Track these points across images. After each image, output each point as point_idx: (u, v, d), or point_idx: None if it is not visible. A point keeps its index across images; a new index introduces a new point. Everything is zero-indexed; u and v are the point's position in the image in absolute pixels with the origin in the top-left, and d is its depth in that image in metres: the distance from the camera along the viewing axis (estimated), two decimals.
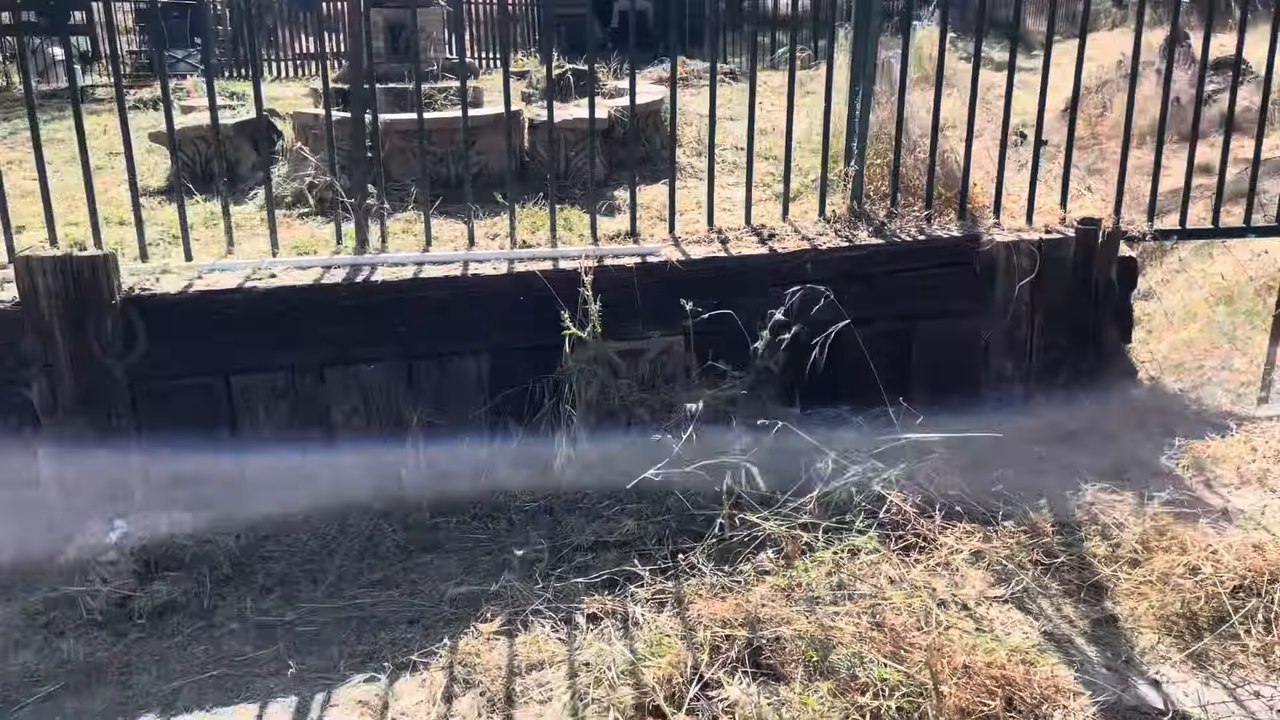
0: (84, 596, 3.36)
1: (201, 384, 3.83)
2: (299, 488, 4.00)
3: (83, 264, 3.57)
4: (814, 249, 4.28)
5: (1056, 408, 4.49)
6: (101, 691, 3.04)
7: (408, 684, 2.99)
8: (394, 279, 3.95)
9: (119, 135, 4.15)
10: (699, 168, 6.36)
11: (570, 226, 4.78)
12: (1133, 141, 4.90)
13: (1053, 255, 4.37)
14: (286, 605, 3.45)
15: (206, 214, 5.17)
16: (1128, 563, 3.34)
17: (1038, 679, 2.79)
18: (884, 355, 4.32)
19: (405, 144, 5.66)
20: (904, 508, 3.55)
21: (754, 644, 2.94)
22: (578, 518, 3.84)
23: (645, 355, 4.17)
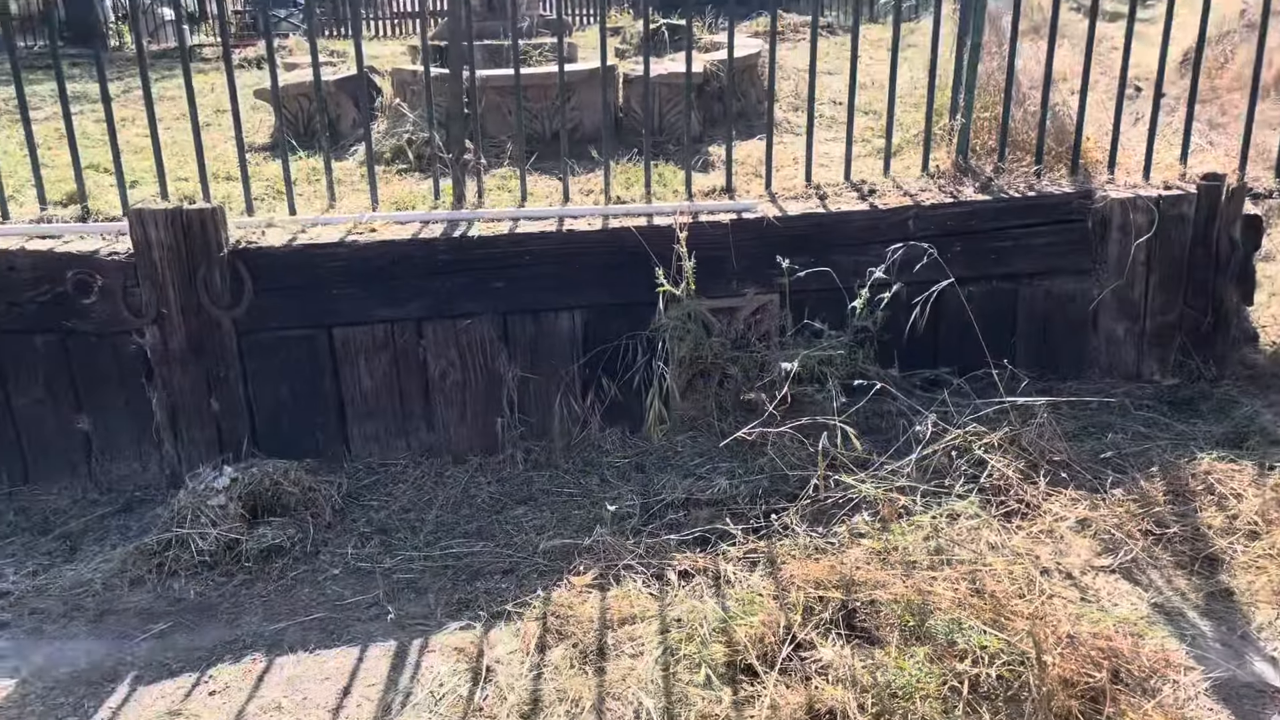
0: (194, 538, 3.49)
1: (305, 335, 3.91)
2: (398, 438, 4.08)
3: (192, 216, 3.67)
4: (916, 205, 4.15)
5: (1170, 372, 4.30)
6: (211, 630, 3.17)
7: (502, 633, 3.03)
8: (490, 234, 3.97)
9: (225, 93, 4.23)
10: (795, 123, 6.23)
11: (665, 182, 4.73)
12: (1259, 94, 4.60)
13: (1172, 213, 4.15)
14: (385, 553, 3.54)
15: (309, 169, 5.27)
16: (1245, 535, 3.19)
17: (1146, 651, 2.68)
18: (988, 316, 4.18)
19: (501, 100, 5.67)
20: (1006, 473, 3.45)
21: (848, 606, 2.90)
22: (669, 475, 3.84)
23: (739, 313, 4.12)
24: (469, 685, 2.80)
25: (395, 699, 2.78)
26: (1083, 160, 4.52)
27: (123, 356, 3.86)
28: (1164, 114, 5.31)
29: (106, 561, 3.50)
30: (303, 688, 2.87)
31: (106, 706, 2.83)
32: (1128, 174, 4.50)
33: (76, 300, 3.77)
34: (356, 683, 2.88)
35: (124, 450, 3.96)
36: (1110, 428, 3.91)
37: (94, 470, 3.98)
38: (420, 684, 2.83)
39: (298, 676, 2.92)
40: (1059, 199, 4.22)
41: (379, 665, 2.95)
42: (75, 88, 7.56)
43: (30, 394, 3.90)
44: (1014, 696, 2.55)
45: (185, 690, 2.89)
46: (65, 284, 3.76)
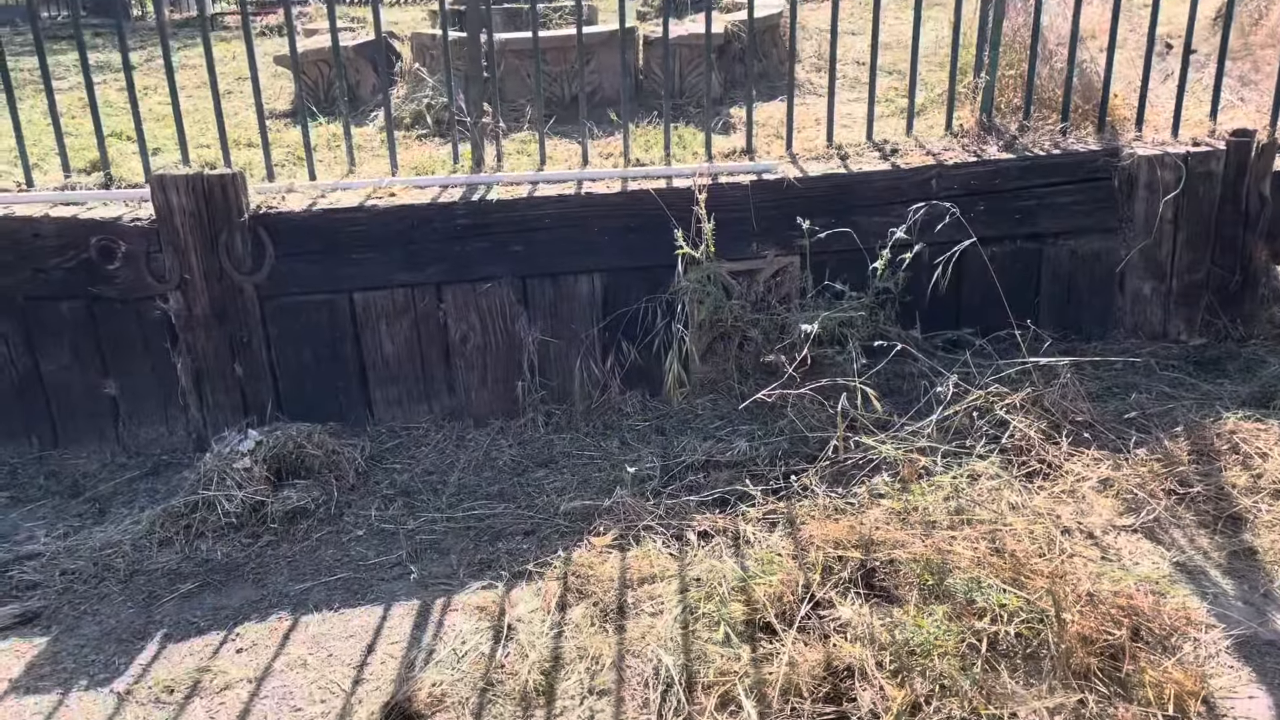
0: (221, 501, 3.54)
1: (326, 300, 3.94)
2: (419, 402, 4.11)
3: (213, 182, 3.69)
4: (939, 164, 4.11)
5: (1197, 332, 4.24)
6: (238, 589, 3.22)
7: (523, 592, 3.07)
8: (508, 197, 3.97)
9: (244, 61, 4.24)
10: (818, 84, 6.16)
11: (684, 145, 4.70)
12: None
13: (1200, 169, 4.08)
14: (408, 514, 3.58)
15: (329, 135, 5.27)
16: (1270, 494, 3.16)
17: (1167, 610, 2.67)
18: (1011, 276, 4.15)
19: (520, 64, 5.64)
20: (1028, 433, 3.43)
21: (867, 566, 2.90)
22: (689, 437, 3.84)
23: (759, 275, 4.10)
24: (491, 643, 2.83)
25: (418, 656, 2.82)
26: (1110, 118, 4.44)
27: (147, 322, 3.90)
28: (1194, 71, 5.21)
29: (135, 524, 3.55)
30: (327, 645, 2.92)
31: (137, 663, 2.89)
32: (1156, 131, 4.42)
33: (101, 266, 3.81)
34: (380, 640, 2.92)
35: (150, 414, 4.02)
36: (1135, 388, 3.87)
37: (121, 434, 4.04)
38: (443, 642, 2.87)
39: (323, 634, 2.97)
40: (1085, 156, 4.15)
41: (402, 624, 2.99)
42: (98, 57, 7.60)
43: (58, 360, 3.95)
44: (1033, 654, 2.55)
45: (213, 647, 2.94)
46: (89, 250, 3.79)
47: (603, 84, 5.76)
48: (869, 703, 2.44)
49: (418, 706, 2.61)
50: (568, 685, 2.64)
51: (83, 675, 2.86)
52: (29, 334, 3.93)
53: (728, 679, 2.57)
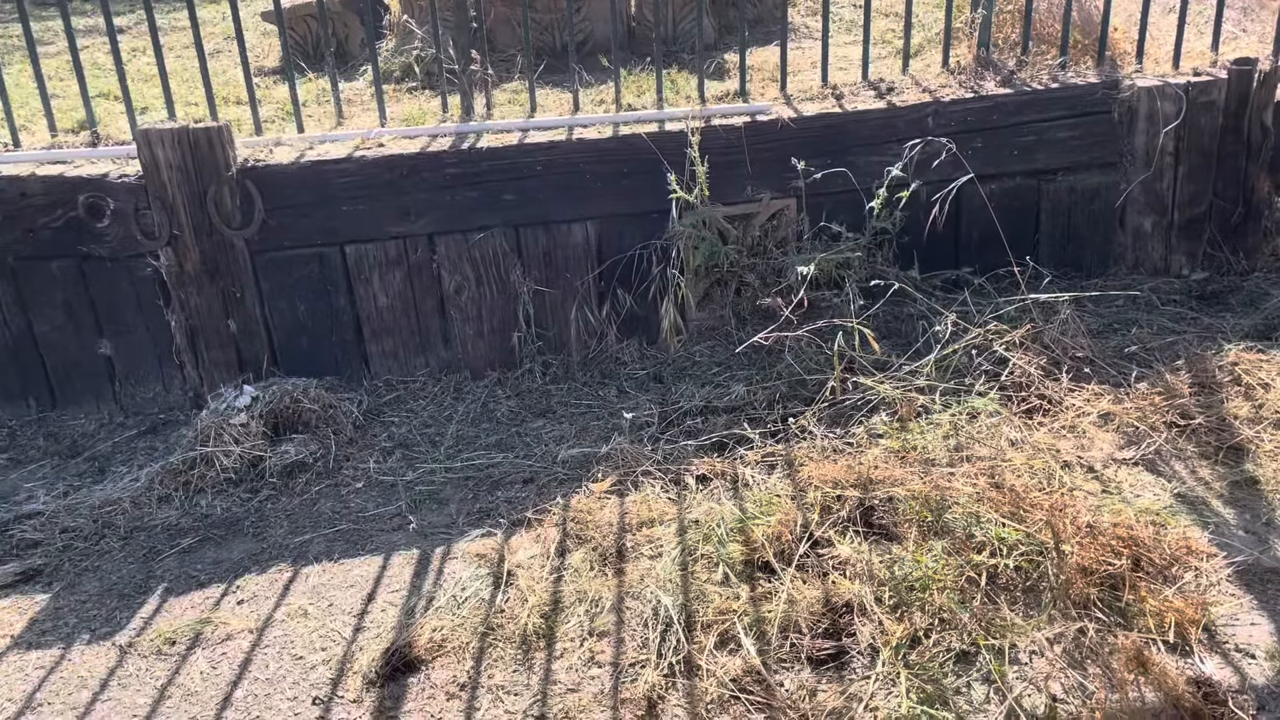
0: (219, 457, 3.53)
1: (317, 253, 3.90)
2: (415, 355, 4.09)
3: (199, 135, 3.64)
4: (935, 101, 4.04)
5: (1199, 265, 4.19)
6: (238, 543, 3.23)
7: (523, 539, 3.06)
8: (499, 145, 3.91)
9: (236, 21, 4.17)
10: (814, 28, 6.05)
11: (677, 89, 4.63)
12: None
13: (1201, 100, 4.01)
14: (407, 466, 3.57)
15: (319, 90, 5.20)
16: (1272, 424, 3.13)
17: (1168, 540, 2.66)
18: (1011, 213, 4.09)
19: (510, 13, 5.54)
20: (1028, 370, 3.40)
21: (866, 504, 2.89)
22: (687, 383, 3.82)
23: (755, 219, 4.05)
24: (490, 589, 2.83)
25: (418, 603, 2.83)
26: (1110, 51, 4.36)
27: (139, 280, 3.87)
28: (1196, 3, 5.11)
29: (135, 481, 3.55)
30: (328, 595, 2.92)
31: (139, 617, 2.90)
32: (1156, 64, 4.34)
33: (90, 224, 3.77)
34: (380, 589, 2.93)
35: (146, 373, 4.00)
36: (1135, 323, 3.84)
37: (118, 394, 4.03)
38: (443, 589, 2.87)
39: (323, 585, 2.97)
40: (1083, 90, 4.08)
41: (402, 572, 2.99)
42: (87, 22, 7.51)
43: (52, 320, 3.93)
44: (1032, 586, 2.55)
45: (214, 600, 2.95)
46: (78, 208, 3.76)
47: (594, 31, 5.67)
48: (868, 637, 2.44)
49: (418, 652, 2.61)
50: (568, 628, 2.64)
51: (84, 630, 2.87)
52: (21, 295, 3.90)
53: (727, 617, 2.57)
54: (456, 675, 2.52)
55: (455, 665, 2.56)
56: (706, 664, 2.44)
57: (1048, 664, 2.32)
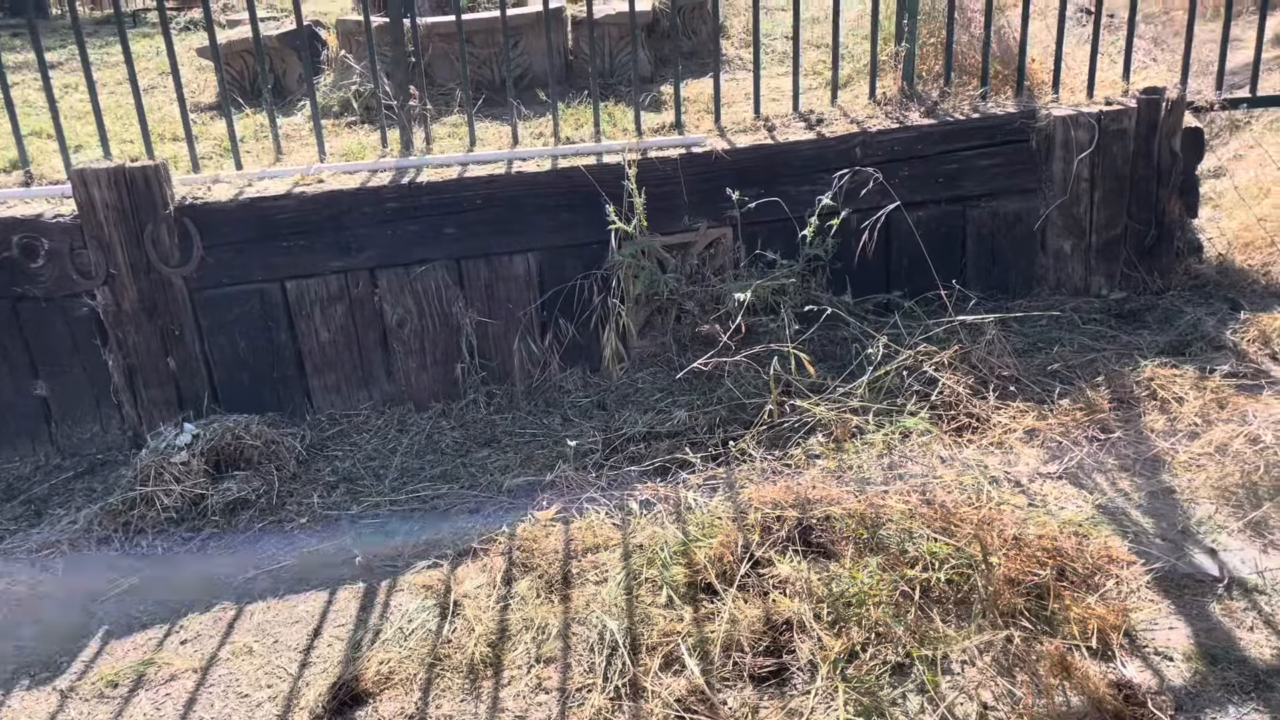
0: (159, 496, 3.51)
1: (258, 289, 3.91)
2: (358, 389, 4.10)
3: (135, 174, 3.64)
4: (863, 132, 4.18)
5: (1116, 286, 4.38)
6: (180, 582, 3.20)
7: (469, 569, 3.09)
8: (438, 179, 3.96)
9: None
10: (747, 60, 6.20)
11: (615, 122, 4.72)
12: (1205, 15, 4.65)
13: (1113, 127, 4.20)
14: (351, 500, 3.58)
15: (256, 126, 5.21)
16: (1186, 436, 3.28)
17: (1090, 550, 2.78)
18: (937, 238, 4.24)
19: (449, 48, 5.60)
20: (956, 389, 3.52)
21: (804, 524, 2.97)
22: (630, 410, 3.89)
23: (693, 247, 4.15)
24: (437, 620, 2.86)
25: (365, 636, 2.84)
26: (1028, 82, 4.55)
27: (75, 320, 3.84)
28: (1110, 34, 5.35)
29: (73, 523, 3.51)
30: (273, 631, 2.92)
31: (80, 660, 2.87)
32: (1072, 93, 4.54)
33: (24, 264, 3.74)
34: (326, 624, 2.93)
35: (84, 414, 3.96)
36: (1058, 342, 3.99)
37: (55, 435, 3.98)
38: (389, 621, 2.89)
39: (268, 622, 2.97)
40: (1003, 119, 4.25)
41: (348, 607, 3.00)
42: (17, 58, 7.41)
43: None
44: (963, 598, 2.64)
45: (157, 640, 2.93)
46: (11, 249, 3.72)
47: (532, 65, 5.76)
48: (808, 653, 2.52)
49: (365, 685, 2.63)
50: (515, 655, 2.68)
51: (24, 675, 2.83)
52: None
53: (671, 639, 2.62)
54: (404, 707, 2.54)
55: (403, 697, 2.57)
56: (652, 686, 2.49)
57: (978, 673, 2.41)
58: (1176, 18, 10.14)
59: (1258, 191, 5.93)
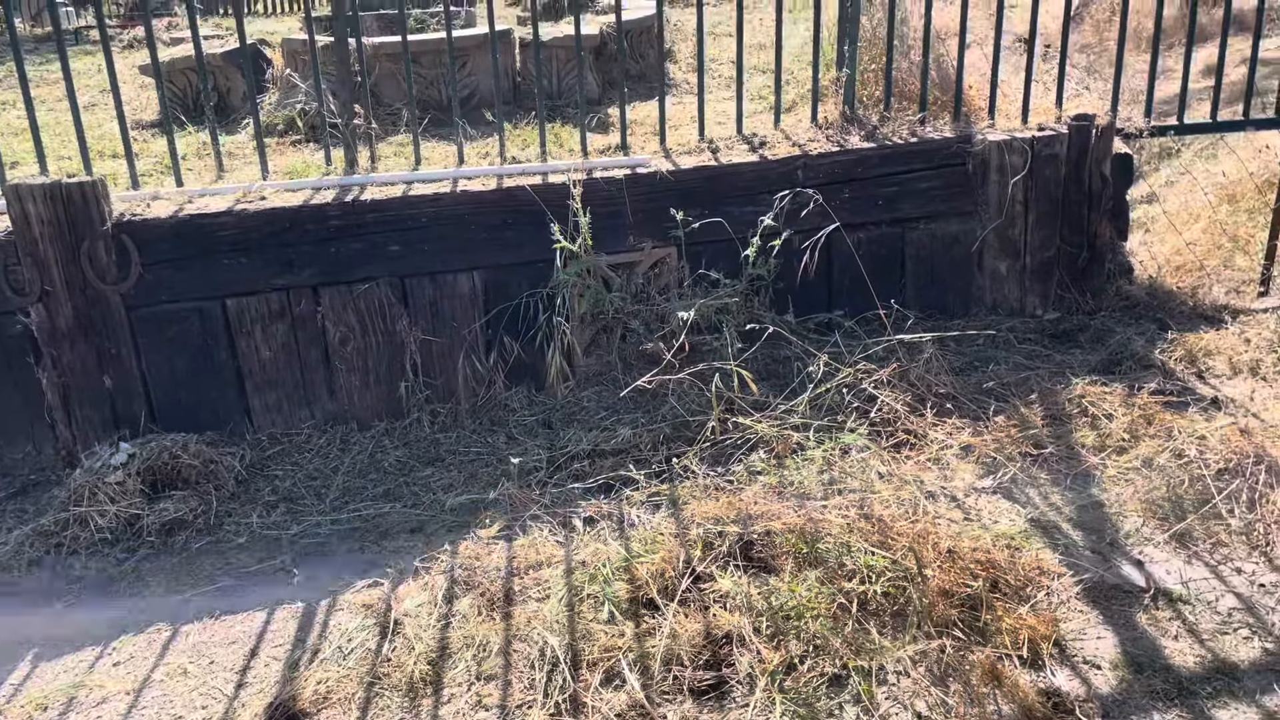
0: (93, 516, 3.45)
1: (197, 307, 3.86)
2: (300, 407, 4.06)
3: (73, 190, 3.59)
4: (805, 155, 4.26)
5: (1050, 306, 4.49)
6: (113, 604, 3.14)
7: (410, 587, 3.07)
8: (383, 197, 3.96)
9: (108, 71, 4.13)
10: (694, 84, 6.29)
11: (561, 143, 4.76)
12: (1139, 45, 4.81)
13: (1045, 152, 4.33)
14: (291, 519, 3.54)
15: (199, 144, 5.17)
16: (1115, 451, 3.37)
17: (1022, 562, 2.84)
18: (877, 259, 4.32)
19: (396, 68, 5.62)
20: (895, 406, 3.59)
21: (745, 539, 3.00)
22: (574, 428, 3.90)
23: (638, 267, 4.18)
24: (377, 638, 2.83)
25: (303, 656, 2.81)
26: (965, 108, 4.67)
27: (8, 338, 3.77)
28: (1045, 62, 5.51)
29: (2, 545, 3.43)
30: (209, 652, 2.87)
31: (8, 684, 2.80)
32: (1007, 118, 4.67)
33: None
34: (263, 644, 2.89)
35: (16, 434, 3.88)
36: (994, 360, 4.08)
37: None
38: (328, 641, 2.86)
39: (203, 643, 2.92)
40: (940, 144, 4.36)
41: (286, 627, 2.96)
42: None
43: None
44: (899, 610, 2.68)
45: (88, 663, 2.87)
46: None
47: (480, 86, 5.78)
48: (747, 666, 2.54)
49: (302, 705, 2.59)
50: (455, 673, 2.66)
51: None
52: None
53: (612, 654, 2.63)
54: None
55: (341, 717, 2.55)
56: (592, 701, 2.49)
57: (913, 683, 2.45)
58: (1110, 48, 10.45)
59: (1187, 217, 6.12)
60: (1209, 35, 8.91)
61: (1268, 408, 3.57)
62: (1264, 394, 3.68)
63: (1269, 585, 2.76)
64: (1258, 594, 2.73)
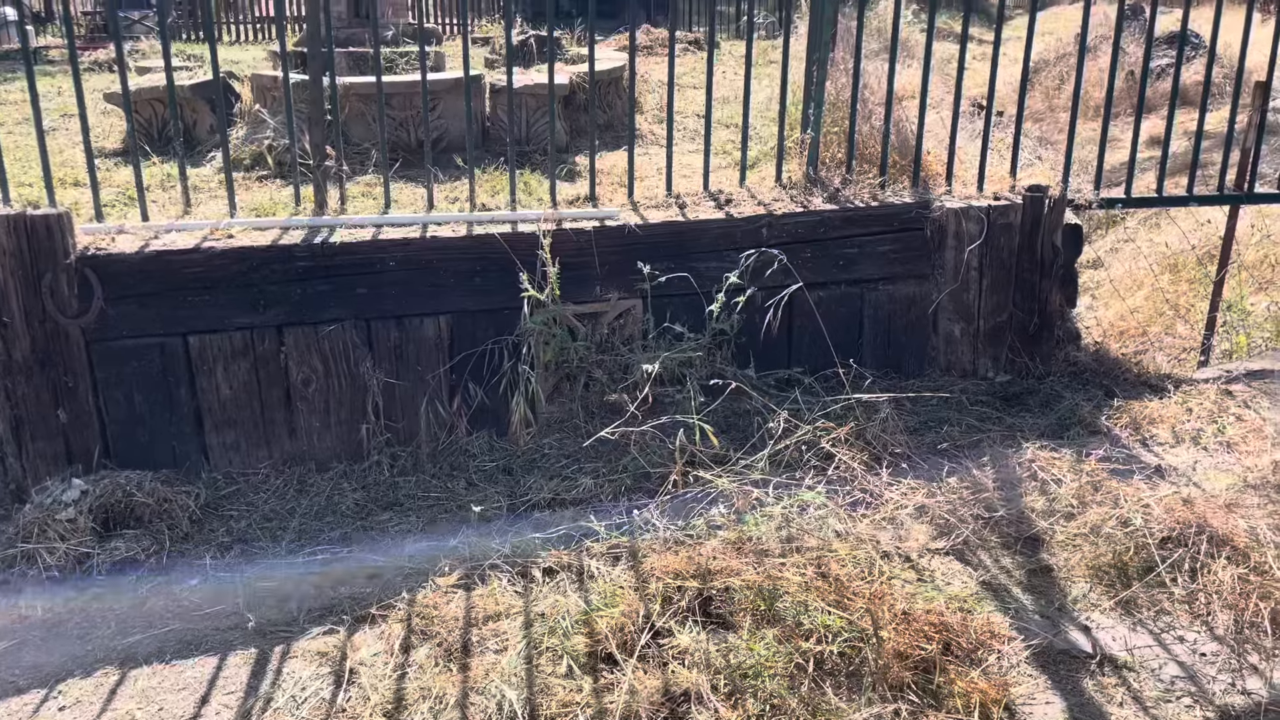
0: (42, 553, 3.38)
1: (159, 344, 3.83)
2: (259, 447, 4.03)
3: (37, 222, 3.56)
4: (769, 214, 4.35)
5: (1002, 370, 4.62)
6: (60, 646, 3.08)
7: (366, 636, 3.05)
8: (352, 240, 3.97)
9: (73, 97, 4.11)
10: (660, 135, 6.41)
11: (530, 191, 4.81)
12: (1087, 114, 5.01)
13: (1000, 221, 4.48)
14: (246, 562, 3.50)
15: (163, 175, 5.14)
16: (1064, 516, 3.47)
17: (975, 625, 2.90)
18: (837, 318, 4.42)
19: (365, 108, 5.65)
20: (852, 465, 3.66)
21: (704, 594, 3.03)
22: (536, 476, 3.91)
23: (603, 318, 4.23)
24: (332, 688, 2.81)
25: (255, 705, 2.77)
26: (923, 173, 4.82)
27: None
28: (999, 130, 5.70)
29: None
30: (158, 698, 2.83)
31: None
32: (964, 185, 4.82)
33: None
34: (215, 691, 2.85)
35: None
36: (947, 421, 4.18)
37: None
38: (281, 689, 2.83)
39: (153, 688, 2.87)
40: (900, 209, 4.49)
41: (239, 673, 2.93)
42: None
43: None
44: (855, 671, 2.73)
45: (33, 707, 2.81)
46: None
47: (449, 129, 5.83)
48: None
49: None
50: None
51: None
52: None
53: (570, 709, 2.64)
54: None
55: None
56: None
57: None
58: (1060, 117, 10.83)
59: (1131, 284, 6.35)
60: (1153, 106, 9.30)
61: (1209, 478, 3.70)
62: (1205, 464, 3.81)
63: (1209, 655, 2.85)
64: (1199, 663, 2.82)
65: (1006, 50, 6.07)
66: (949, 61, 7.87)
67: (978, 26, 14.37)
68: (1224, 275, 5.11)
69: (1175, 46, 12.86)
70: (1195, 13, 5.31)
